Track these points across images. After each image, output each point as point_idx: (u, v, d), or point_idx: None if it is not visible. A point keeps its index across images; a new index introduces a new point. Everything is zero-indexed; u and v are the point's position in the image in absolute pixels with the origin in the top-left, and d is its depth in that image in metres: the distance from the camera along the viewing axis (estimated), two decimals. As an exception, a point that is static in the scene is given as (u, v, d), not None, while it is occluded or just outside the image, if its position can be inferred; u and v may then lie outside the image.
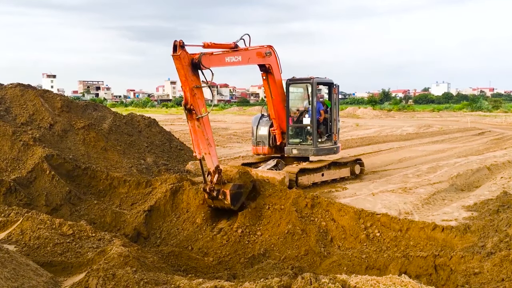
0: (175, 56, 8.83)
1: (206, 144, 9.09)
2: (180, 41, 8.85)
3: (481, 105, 70.96)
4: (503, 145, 22.69)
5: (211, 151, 9.19)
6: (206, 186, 9.21)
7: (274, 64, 12.47)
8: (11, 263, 5.50)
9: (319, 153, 13.26)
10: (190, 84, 8.94)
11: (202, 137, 9.05)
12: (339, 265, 7.77)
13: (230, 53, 10.65)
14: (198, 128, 9.03)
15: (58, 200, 10.80)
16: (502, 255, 6.17)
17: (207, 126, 9.20)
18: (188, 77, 8.94)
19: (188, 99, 8.91)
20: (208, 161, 9.17)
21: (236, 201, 9.43)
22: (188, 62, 9.02)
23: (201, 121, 9.02)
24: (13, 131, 12.70)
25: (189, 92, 8.89)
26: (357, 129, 34.25)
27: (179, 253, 8.06)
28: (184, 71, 8.90)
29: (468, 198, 11.16)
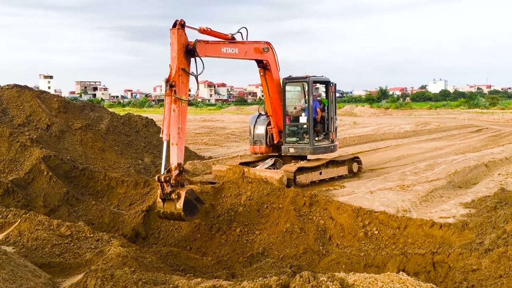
0: (172, 30, 8.83)
1: (176, 132, 8.63)
2: (181, 20, 8.89)
3: (478, 102, 71.03)
4: (500, 142, 22.74)
5: (179, 144, 8.68)
6: (162, 176, 8.33)
7: (272, 61, 12.45)
8: (9, 264, 5.49)
9: (316, 152, 13.26)
10: (179, 63, 8.83)
11: (174, 123, 8.62)
12: (338, 263, 7.78)
13: (227, 44, 10.59)
14: (173, 112, 8.66)
15: (56, 201, 10.78)
16: (499, 252, 6.18)
17: (183, 115, 8.83)
18: (179, 55, 8.84)
19: (172, 76, 8.77)
20: (173, 153, 8.57)
21: (189, 210, 8.38)
22: (183, 43, 8.95)
23: (178, 105, 8.68)
24: (10, 132, 12.67)
25: (175, 69, 8.78)
26: (355, 127, 34.27)
27: (177, 252, 8.05)
28: (178, 47, 8.83)
29: (466, 195, 11.18)
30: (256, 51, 11.79)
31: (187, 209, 8.32)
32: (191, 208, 8.46)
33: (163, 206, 8.45)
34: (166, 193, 8.33)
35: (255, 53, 11.80)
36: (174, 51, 8.82)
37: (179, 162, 8.54)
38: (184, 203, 8.28)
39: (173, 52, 8.85)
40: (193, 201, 8.52)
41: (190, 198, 8.44)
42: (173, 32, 8.83)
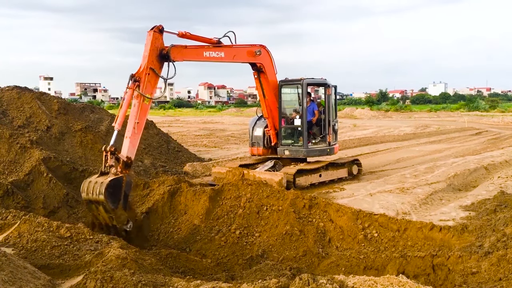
0: (149, 32, 9.11)
1: (132, 127, 8.65)
2: (160, 25, 9.15)
3: (478, 105, 71.10)
4: (500, 145, 22.74)
5: (132, 138, 8.63)
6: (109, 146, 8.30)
7: (267, 64, 12.45)
8: (9, 266, 5.48)
9: (310, 154, 13.24)
10: (148, 63, 9.02)
11: (132, 117, 8.68)
12: (337, 265, 7.78)
13: (210, 48, 10.67)
14: (133, 107, 8.74)
15: (56, 203, 10.78)
16: (499, 255, 6.18)
17: (143, 112, 8.86)
18: (150, 56, 9.06)
19: (139, 72, 8.94)
20: (125, 145, 8.55)
21: (112, 192, 8.04)
22: (157, 46, 9.18)
23: (139, 101, 8.75)
24: (10, 134, 12.67)
25: (144, 67, 8.96)
26: (355, 130, 34.28)
27: (177, 254, 8.04)
28: (150, 48, 9.06)
29: (466, 198, 11.18)
30: (249, 54, 11.83)
31: (112, 190, 8.03)
32: (117, 194, 8.15)
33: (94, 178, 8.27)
34: (108, 165, 8.28)
35: (247, 56, 11.84)
36: (146, 51, 9.08)
37: (129, 156, 8.50)
38: (114, 181, 8.07)
39: (144, 52, 9.11)
40: (122, 191, 8.21)
41: (122, 186, 8.21)
42: (149, 34, 9.14)
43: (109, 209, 8.14)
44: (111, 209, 8.14)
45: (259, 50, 12.09)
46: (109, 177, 8.16)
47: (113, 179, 8.13)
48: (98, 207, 8.23)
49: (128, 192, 8.48)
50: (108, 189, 8.01)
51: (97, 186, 8.07)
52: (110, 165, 8.30)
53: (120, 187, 8.22)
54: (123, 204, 8.36)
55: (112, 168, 8.27)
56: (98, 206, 8.21)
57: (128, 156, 8.46)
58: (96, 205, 8.25)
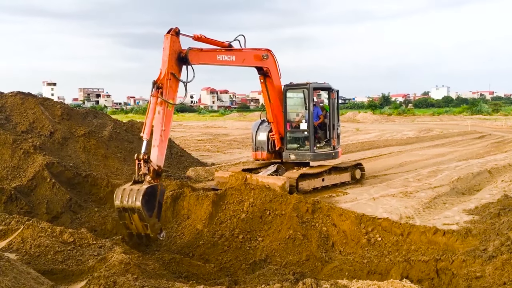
0: (166, 35, 9.02)
1: (158, 135, 8.59)
2: (176, 28, 9.10)
3: (481, 108, 70.99)
4: (503, 148, 22.68)
5: (160, 146, 8.60)
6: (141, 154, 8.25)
7: (273, 68, 12.49)
8: (12, 271, 5.49)
9: (317, 158, 13.25)
10: (169, 68, 8.95)
11: (157, 125, 8.62)
12: (341, 270, 7.75)
13: (223, 51, 10.67)
14: (158, 114, 8.68)
15: (59, 208, 10.79)
16: (503, 259, 6.16)
17: (167, 118, 8.82)
18: (170, 60, 9.00)
19: (160, 79, 8.86)
20: (153, 155, 8.50)
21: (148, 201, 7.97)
22: (176, 49, 9.10)
23: (163, 107, 8.70)
24: (14, 139, 12.71)
25: (165, 73, 8.89)
26: (358, 134, 34.25)
27: (180, 259, 8.04)
28: (169, 52, 8.99)
29: (469, 202, 11.15)
30: (256, 58, 11.83)
31: (148, 198, 7.92)
32: (152, 202, 8.05)
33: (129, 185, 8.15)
34: (142, 173, 8.22)
35: (255, 60, 11.84)
36: (165, 56, 9.01)
37: (159, 165, 8.47)
38: (150, 189, 7.99)
39: (164, 57, 9.04)
40: (157, 200, 8.14)
41: (157, 194, 8.16)
42: (166, 37, 9.06)
43: (145, 217, 8.01)
44: (146, 217, 8.01)
45: (266, 55, 12.14)
46: (145, 184, 8.07)
47: (149, 187, 8.02)
48: (132, 215, 8.07)
49: (162, 200, 8.43)
50: (145, 197, 7.90)
51: (133, 193, 7.96)
52: (144, 173, 8.23)
53: (155, 195, 8.15)
54: (157, 212, 8.28)
55: (147, 176, 8.20)
56: (133, 214, 8.06)
57: (158, 164, 8.43)
58: (130, 213, 8.10)
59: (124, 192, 8.07)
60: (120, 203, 8.10)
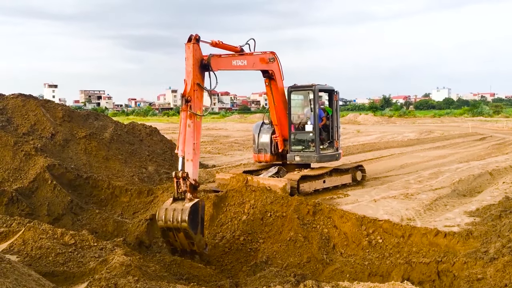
0: (187, 44, 8.78)
1: (191, 148, 8.56)
2: (196, 35, 8.89)
3: (482, 110, 70.94)
4: (504, 150, 22.66)
5: (194, 160, 8.60)
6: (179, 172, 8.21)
7: (277, 71, 12.52)
8: (13, 273, 5.49)
9: (322, 160, 13.27)
10: (194, 78, 8.78)
11: (189, 139, 8.57)
12: (342, 272, 7.75)
13: (237, 56, 10.65)
14: (188, 128, 8.63)
15: (60, 210, 10.81)
16: (505, 261, 6.16)
17: (197, 130, 8.80)
18: (194, 70, 8.80)
19: (187, 91, 8.72)
20: (188, 169, 8.45)
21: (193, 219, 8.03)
22: (198, 57, 8.92)
23: (193, 120, 8.65)
24: (15, 141, 12.73)
25: (191, 85, 8.73)
26: (358, 136, 34.25)
27: (181, 261, 8.04)
28: (193, 62, 8.79)
29: (470, 204, 11.14)
30: (262, 62, 11.83)
31: (192, 215, 7.97)
32: (196, 219, 8.10)
33: (169, 204, 8.14)
34: (181, 191, 8.19)
35: (261, 63, 11.84)
36: (190, 66, 8.79)
37: (195, 179, 8.44)
38: (194, 205, 8.01)
39: (188, 67, 8.82)
40: (200, 217, 8.21)
41: (200, 210, 8.20)
42: (188, 46, 8.81)
43: (191, 235, 8.04)
44: (192, 234, 8.04)
45: (273, 58, 12.16)
46: (186, 202, 8.07)
47: (193, 205, 8.04)
48: (178, 234, 8.11)
49: (203, 215, 8.45)
50: (190, 216, 7.93)
51: (177, 213, 7.96)
52: (183, 190, 8.21)
53: (198, 212, 8.19)
54: (201, 228, 8.33)
55: (187, 193, 8.18)
56: (178, 233, 8.09)
57: (194, 179, 8.42)
58: (175, 232, 8.13)
59: (167, 212, 8.06)
60: (164, 223, 8.10)
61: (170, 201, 8.25)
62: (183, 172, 8.20)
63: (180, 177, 8.18)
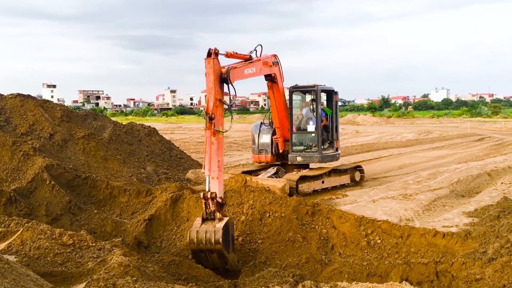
0: (208, 59, 8.58)
1: (216, 166, 8.43)
2: (215, 49, 8.69)
3: (480, 111, 71.09)
4: (503, 151, 22.69)
5: (220, 177, 8.49)
6: (208, 192, 8.17)
7: (278, 73, 12.49)
8: (11, 273, 5.48)
9: (324, 160, 13.30)
10: (216, 94, 8.56)
11: (214, 157, 8.45)
12: (340, 272, 7.75)
13: (248, 65, 10.46)
14: (212, 145, 8.45)
15: (59, 210, 10.79)
16: (503, 261, 6.16)
17: (220, 146, 8.62)
18: (215, 85, 8.60)
19: (210, 108, 8.48)
20: (214, 187, 8.34)
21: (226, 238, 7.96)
22: (218, 72, 8.74)
23: (217, 137, 8.48)
24: (13, 141, 12.71)
25: (213, 101, 8.50)
26: (357, 136, 34.27)
27: (179, 262, 8.04)
28: (214, 77, 8.58)
29: (469, 204, 11.15)
30: (266, 65, 11.72)
31: (224, 235, 7.88)
32: (227, 239, 8.03)
33: (199, 226, 8.04)
34: (210, 211, 8.12)
35: (265, 67, 11.72)
36: (211, 82, 8.56)
37: (220, 196, 8.37)
38: (225, 226, 7.95)
39: (209, 83, 8.59)
40: (230, 236, 8.19)
41: (230, 229, 8.20)
42: (208, 62, 8.58)
43: (225, 255, 8.00)
44: (226, 254, 8.00)
45: (276, 61, 12.13)
46: (217, 223, 8.01)
47: (224, 225, 7.94)
48: (211, 255, 8.04)
49: (233, 233, 8.44)
50: (222, 237, 7.87)
51: (210, 235, 7.86)
52: (212, 211, 8.13)
53: (229, 231, 8.14)
54: (232, 246, 8.31)
55: (217, 213, 8.10)
56: (211, 254, 8.03)
57: (220, 196, 8.35)
58: (207, 254, 8.06)
59: (199, 234, 7.95)
60: (196, 246, 8.01)
61: (199, 221, 8.15)
62: (211, 192, 8.13)
63: (208, 198, 8.12)
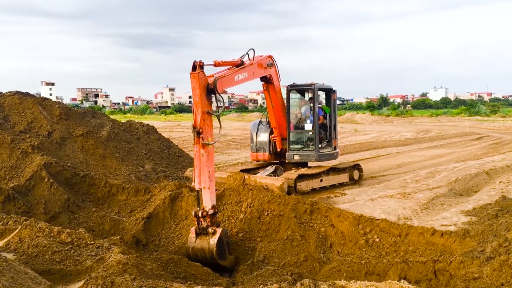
0: (193, 74, 8.44)
1: (207, 176, 8.43)
2: (200, 62, 8.54)
3: (479, 109, 71.21)
4: (501, 150, 22.73)
5: (211, 186, 8.50)
6: (199, 211, 8.27)
7: (274, 74, 12.44)
8: (10, 271, 5.48)
9: (322, 159, 13.29)
10: (203, 107, 8.47)
11: (204, 168, 8.43)
12: (339, 271, 7.75)
13: (238, 70, 10.28)
14: (202, 157, 8.41)
15: (57, 208, 10.77)
16: (501, 260, 6.17)
17: (210, 157, 8.58)
18: (202, 99, 8.48)
19: (198, 122, 8.38)
20: (206, 197, 8.38)
21: (220, 250, 8.22)
22: (204, 84, 8.61)
23: (206, 149, 8.45)
24: (12, 139, 12.69)
25: (200, 114, 8.42)
26: (356, 135, 34.29)
27: (178, 260, 8.03)
28: (200, 91, 8.45)
29: (467, 203, 11.17)
30: (260, 67, 11.58)
31: (218, 248, 8.18)
32: (222, 249, 8.31)
33: (194, 241, 8.32)
34: (202, 227, 8.28)
35: (260, 69, 11.59)
36: (197, 96, 8.47)
37: (213, 204, 8.45)
38: (218, 240, 8.22)
39: (195, 97, 8.51)
40: (225, 244, 8.42)
41: (223, 239, 8.39)
42: (193, 76, 8.43)
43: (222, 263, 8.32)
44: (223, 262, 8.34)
45: (271, 62, 12.05)
46: (210, 238, 8.21)
47: (218, 240, 8.19)
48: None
49: (228, 239, 8.62)
50: (217, 251, 8.15)
51: (205, 252, 8.21)
52: (204, 227, 8.27)
53: (223, 242, 8.35)
54: (228, 250, 8.51)
55: (209, 228, 8.26)
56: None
57: (212, 205, 8.43)
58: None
59: (195, 251, 8.30)
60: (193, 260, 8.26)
61: (194, 235, 8.38)
62: (203, 210, 8.24)
63: (200, 217, 8.25)
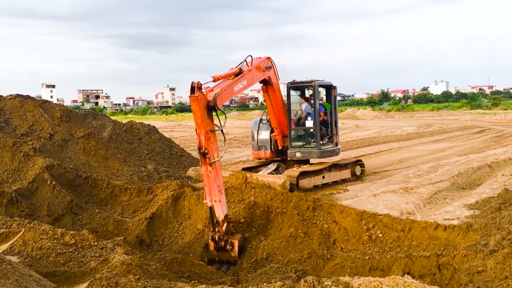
0: (192, 97, 8.45)
1: (217, 190, 8.58)
2: (198, 83, 8.53)
3: (480, 103, 71.03)
4: (503, 143, 22.68)
5: (221, 199, 8.68)
6: (215, 234, 8.62)
7: (273, 76, 12.38)
8: (14, 274, 5.50)
9: (323, 155, 13.28)
10: (205, 127, 8.52)
11: (213, 183, 8.56)
12: (342, 267, 7.76)
13: (236, 80, 10.16)
14: (210, 174, 8.51)
15: (60, 210, 10.80)
16: (505, 253, 6.17)
17: (218, 171, 8.68)
18: (203, 120, 8.52)
19: (202, 143, 8.44)
20: (218, 209, 8.58)
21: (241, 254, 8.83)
22: (204, 104, 8.63)
23: (213, 166, 8.52)
24: (13, 142, 12.71)
25: (204, 135, 8.47)
26: (357, 130, 34.26)
27: (182, 259, 8.05)
28: (201, 113, 8.47)
29: (470, 197, 11.16)
30: (259, 70, 11.47)
31: (240, 254, 8.75)
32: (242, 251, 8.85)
33: (217, 255, 8.84)
34: (221, 246, 8.73)
35: (258, 73, 11.51)
36: (198, 118, 8.50)
37: (225, 214, 8.69)
38: (238, 250, 8.76)
39: (197, 119, 8.54)
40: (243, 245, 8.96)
41: (242, 244, 8.89)
42: (193, 99, 8.43)
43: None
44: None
45: (269, 65, 11.99)
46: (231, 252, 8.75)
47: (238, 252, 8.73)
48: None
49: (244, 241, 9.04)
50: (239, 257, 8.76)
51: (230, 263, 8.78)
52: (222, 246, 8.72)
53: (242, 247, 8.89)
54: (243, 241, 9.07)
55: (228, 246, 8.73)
56: None
57: (225, 215, 8.70)
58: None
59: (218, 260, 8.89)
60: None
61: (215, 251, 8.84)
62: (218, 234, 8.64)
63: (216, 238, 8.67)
